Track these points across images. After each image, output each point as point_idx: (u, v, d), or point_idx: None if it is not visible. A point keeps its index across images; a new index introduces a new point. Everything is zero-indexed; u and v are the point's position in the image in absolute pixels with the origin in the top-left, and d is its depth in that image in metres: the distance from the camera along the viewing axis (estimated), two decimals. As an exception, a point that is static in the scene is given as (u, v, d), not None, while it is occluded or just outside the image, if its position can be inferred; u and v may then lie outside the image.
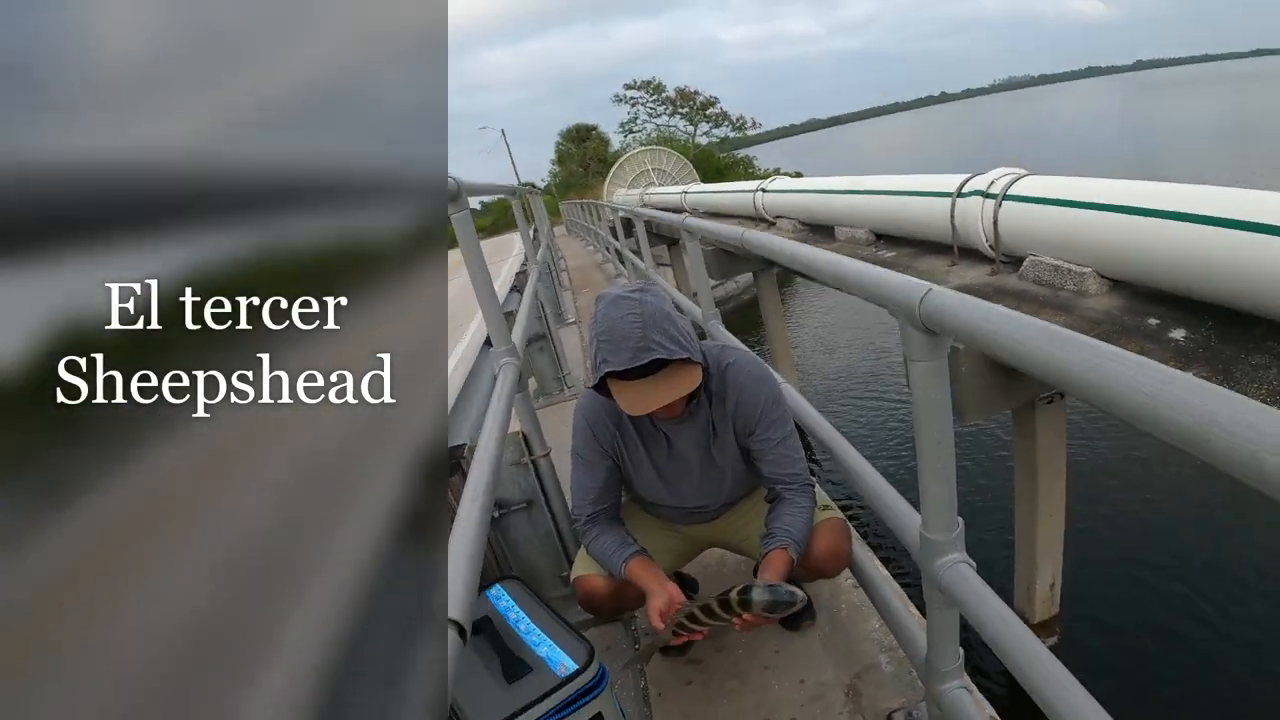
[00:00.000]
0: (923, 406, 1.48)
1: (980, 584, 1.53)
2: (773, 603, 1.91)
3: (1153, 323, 3.47)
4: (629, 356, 1.90)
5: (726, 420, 2.29)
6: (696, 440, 2.32)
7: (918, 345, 1.39)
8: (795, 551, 2.16)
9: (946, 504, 1.57)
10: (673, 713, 2.55)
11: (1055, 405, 5.23)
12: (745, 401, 2.26)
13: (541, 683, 1.89)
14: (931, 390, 1.45)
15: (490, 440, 1.88)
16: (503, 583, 2.37)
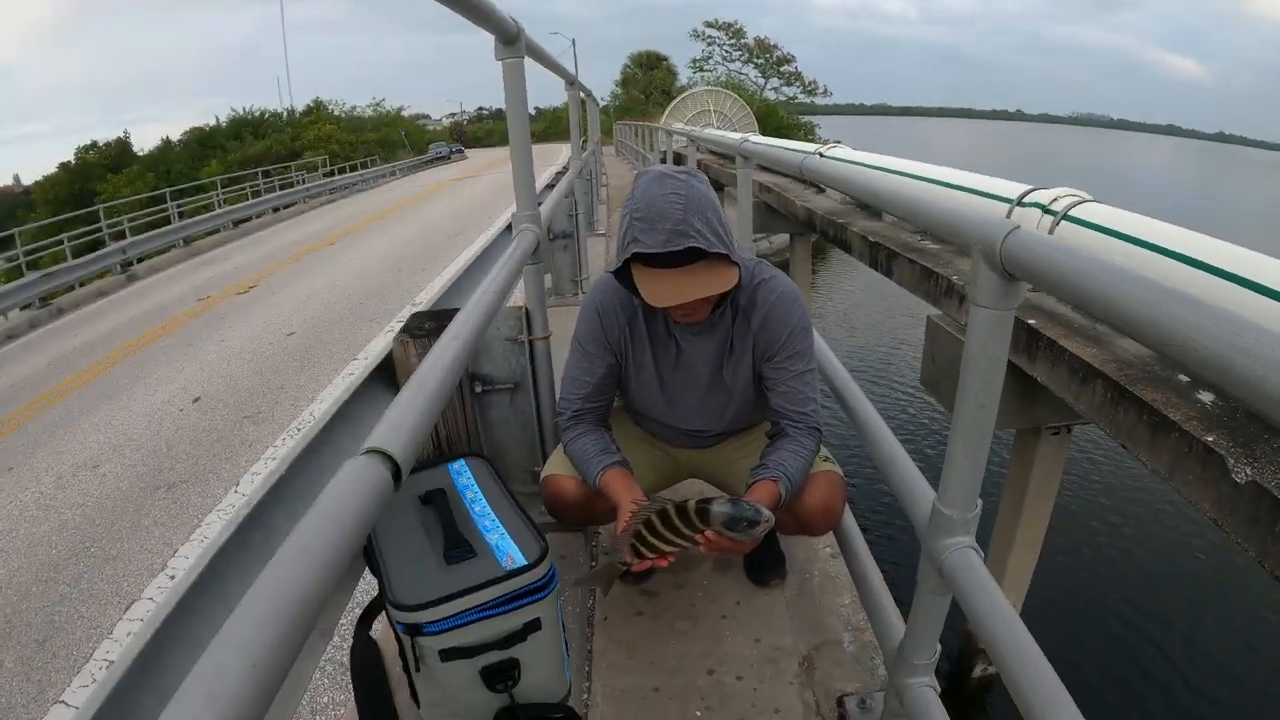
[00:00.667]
0: (975, 360, 1.30)
1: (986, 574, 1.37)
2: (733, 518, 1.71)
3: (1183, 379, 3.35)
4: (663, 239, 1.72)
5: (748, 338, 2.10)
6: (710, 354, 2.13)
7: (989, 289, 1.23)
8: (785, 490, 1.95)
9: (972, 478, 1.40)
10: (616, 641, 2.39)
11: (1061, 437, 5.13)
12: (773, 321, 2.07)
13: (482, 571, 1.71)
14: (990, 343, 1.27)
15: (487, 294, 1.68)
16: (469, 459, 2.19)
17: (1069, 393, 3.82)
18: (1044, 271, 1.08)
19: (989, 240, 1.18)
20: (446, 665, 1.68)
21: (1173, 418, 2.97)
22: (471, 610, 1.65)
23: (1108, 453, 9.40)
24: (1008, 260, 1.15)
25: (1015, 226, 1.16)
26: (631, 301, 2.09)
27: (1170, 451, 3.00)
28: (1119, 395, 3.38)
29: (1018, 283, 1.20)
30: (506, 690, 1.74)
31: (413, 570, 1.73)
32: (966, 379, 1.32)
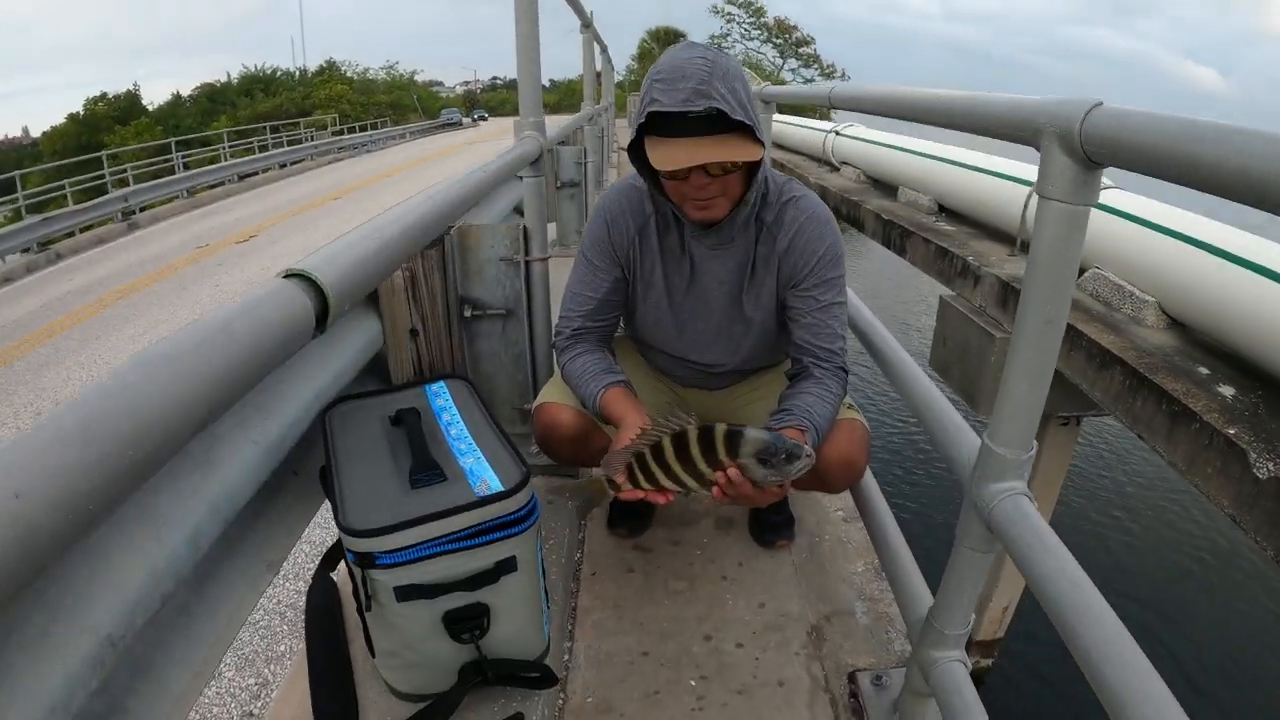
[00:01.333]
0: (1043, 265, 1.09)
1: (1043, 525, 1.15)
2: (770, 447, 1.42)
3: (1203, 371, 3.32)
4: (683, 98, 1.53)
5: (772, 260, 1.87)
6: (729, 274, 1.89)
7: (1065, 179, 1.04)
8: (813, 440, 1.69)
9: (1031, 410, 1.19)
10: (603, 599, 2.16)
11: (1070, 428, 5.01)
12: (802, 243, 1.85)
13: (451, 497, 1.46)
14: (1062, 246, 1.07)
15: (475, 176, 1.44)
16: (449, 380, 1.94)
17: (1085, 379, 3.73)
18: (1138, 146, 0.90)
19: (1066, 120, 1.01)
20: (403, 606, 1.43)
21: (1193, 408, 2.90)
22: (434, 541, 1.40)
23: (1114, 447, 9.27)
24: (1089, 141, 0.98)
25: (1097, 102, 0.99)
26: (644, 208, 1.87)
27: (1189, 443, 2.91)
28: (1138, 383, 3.29)
29: (1097, 171, 1.03)
30: (473, 640, 1.50)
31: (370, 493, 1.49)
32: (1032, 287, 1.12)
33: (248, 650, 3.38)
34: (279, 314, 0.82)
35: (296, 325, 0.83)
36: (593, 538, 2.41)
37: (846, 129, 9.76)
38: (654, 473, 1.50)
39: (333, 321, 0.90)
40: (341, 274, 0.94)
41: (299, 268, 0.90)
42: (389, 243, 1.16)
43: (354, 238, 1.09)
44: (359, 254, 1.06)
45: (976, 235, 5.85)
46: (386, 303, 2.09)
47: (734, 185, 1.70)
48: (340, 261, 0.97)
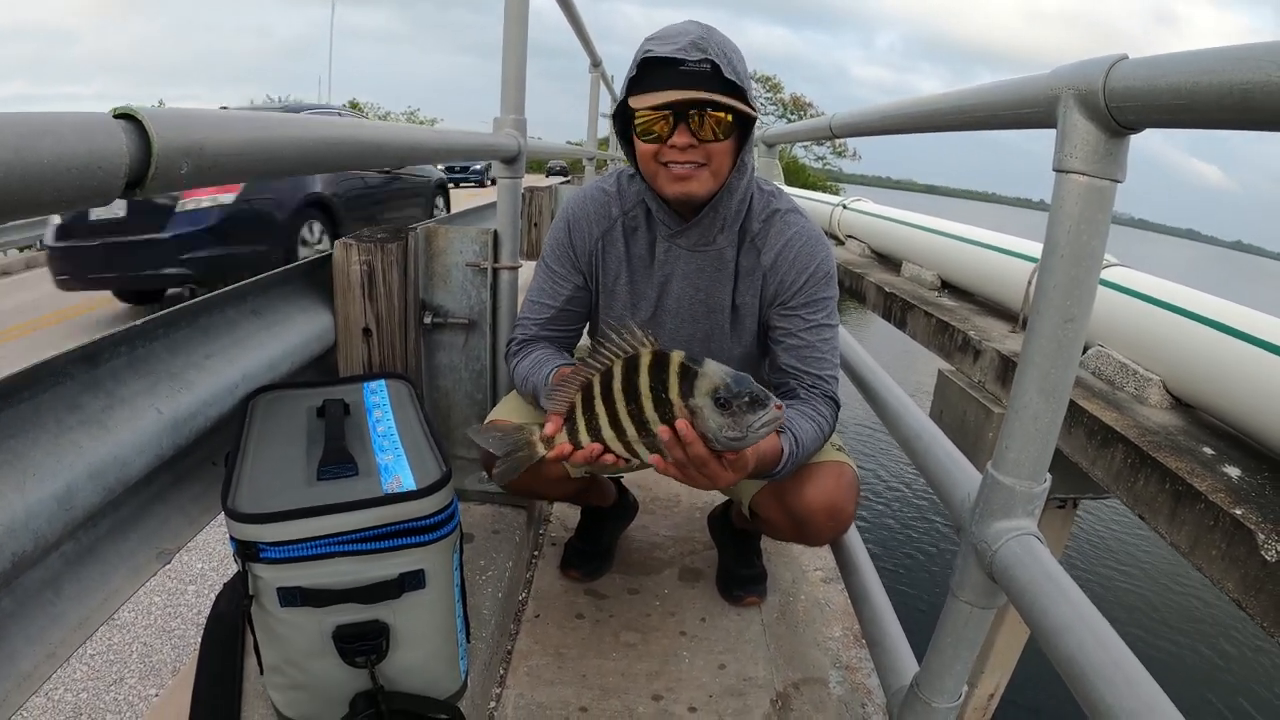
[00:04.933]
0: (1063, 250, 0.93)
1: (1058, 569, 0.95)
2: (731, 390, 1.14)
3: (1208, 451, 3.17)
4: (678, 46, 1.42)
5: (756, 275, 1.67)
6: (705, 284, 1.69)
7: (1087, 146, 0.90)
8: (791, 450, 1.46)
9: (1045, 432, 1.01)
10: (544, 643, 1.94)
11: (1066, 511, 4.93)
12: (790, 257, 1.65)
13: (356, 491, 1.24)
14: (1085, 228, 0.92)
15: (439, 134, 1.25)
16: (391, 379, 1.73)
17: (1085, 457, 3.58)
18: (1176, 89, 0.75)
19: (1087, 80, 0.87)
20: (286, 613, 1.21)
21: (1198, 488, 2.76)
22: (329, 539, 1.18)
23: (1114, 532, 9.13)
24: (1116, 98, 0.84)
25: (1121, 56, 0.86)
26: (610, 212, 1.69)
27: (1193, 524, 2.77)
28: (1140, 462, 3.15)
29: (1124, 137, 0.89)
30: (369, 665, 1.26)
31: (269, 478, 1.27)
32: (1049, 279, 0.95)
33: (155, 659, 3.14)
34: (75, 142, 0.61)
35: (98, 161, 0.62)
36: (542, 577, 2.20)
37: (854, 203, 9.76)
38: (598, 418, 1.25)
39: (155, 188, 0.70)
40: (186, 129, 0.74)
41: (128, 107, 0.70)
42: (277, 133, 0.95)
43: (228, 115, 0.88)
44: (227, 126, 0.85)
45: (978, 311, 5.76)
46: (340, 297, 1.91)
47: (719, 157, 1.52)
48: (196, 122, 0.77)
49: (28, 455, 1.10)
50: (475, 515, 2.17)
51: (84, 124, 0.62)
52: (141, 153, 0.68)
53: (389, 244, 1.89)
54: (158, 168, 0.69)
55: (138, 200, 2.38)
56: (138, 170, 0.67)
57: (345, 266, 1.89)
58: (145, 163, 0.68)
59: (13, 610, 1.10)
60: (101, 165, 0.63)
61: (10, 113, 0.58)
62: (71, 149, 0.60)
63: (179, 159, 0.72)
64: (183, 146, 0.73)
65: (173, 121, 0.72)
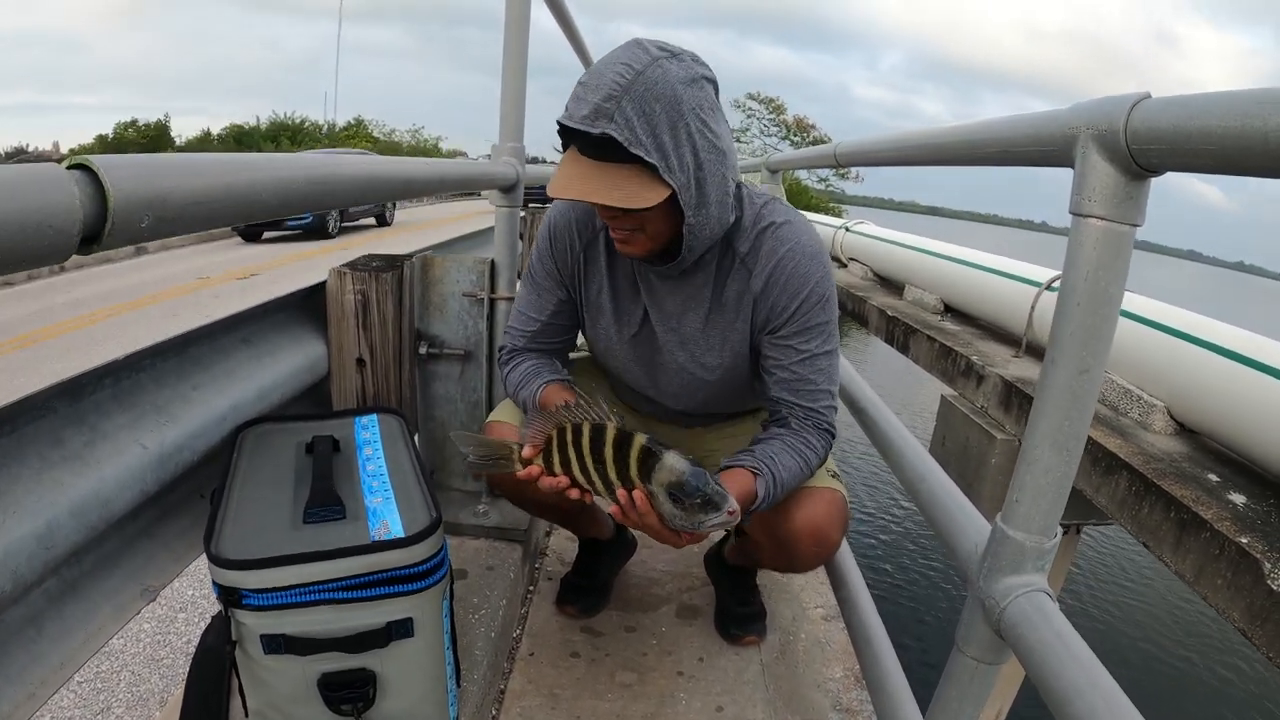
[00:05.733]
0: (1079, 298, 0.89)
1: (1069, 629, 0.92)
2: (687, 485, 1.16)
3: (1213, 478, 3.17)
4: (584, 113, 1.28)
5: (745, 301, 1.57)
6: (685, 311, 1.62)
7: (1106, 189, 0.86)
8: (767, 491, 1.43)
9: (1057, 486, 0.96)
10: (538, 683, 1.90)
11: (1069, 538, 4.85)
12: (782, 280, 1.53)
13: (342, 537, 1.20)
14: (1103, 275, 0.88)
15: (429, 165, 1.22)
16: (383, 414, 1.69)
17: (1089, 484, 3.56)
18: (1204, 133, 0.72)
19: (1107, 119, 0.84)
20: (270, 661, 1.17)
21: (1204, 516, 2.75)
22: (314, 587, 1.14)
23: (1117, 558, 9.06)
24: (1138, 140, 0.80)
25: (1144, 95, 0.83)
26: (593, 223, 1.62)
27: (1198, 553, 2.76)
28: (1144, 489, 3.14)
29: (1145, 180, 0.85)
30: (355, 714, 1.23)
31: (255, 521, 1.24)
32: (1065, 328, 0.91)
33: (143, 689, 3.10)
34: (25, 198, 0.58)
35: (49, 219, 0.59)
36: (536, 613, 2.15)
37: (856, 225, 9.73)
38: (566, 456, 1.26)
39: (113, 238, 0.67)
40: (146, 184, 0.70)
41: (83, 158, 0.67)
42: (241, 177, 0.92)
43: (194, 159, 0.85)
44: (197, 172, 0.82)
45: (981, 335, 5.76)
46: (334, 326, 1.88)
47: (654, 222, 1.41)
48: (159, 171, 0.73)
49: (8, 492, 1.07)
50: (469, 550, 2.13)
51: (33, 178, 0.59)
52: (97, 206, 0.64)
53: (384, 273, 1.87)
54: (114, 222, 0.66)
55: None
56: (93, 225, 0.64)
57: (339, 295, 1.87)
58: (101, 217, 0.65)
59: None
60: (52, 223, 0.59)
61: None
62: (20, 206, 0.57)
63: (140, 211, 0.69)
64: (144, 198, 0.70)
65: (132, 172, 0.69)
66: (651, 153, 1.28)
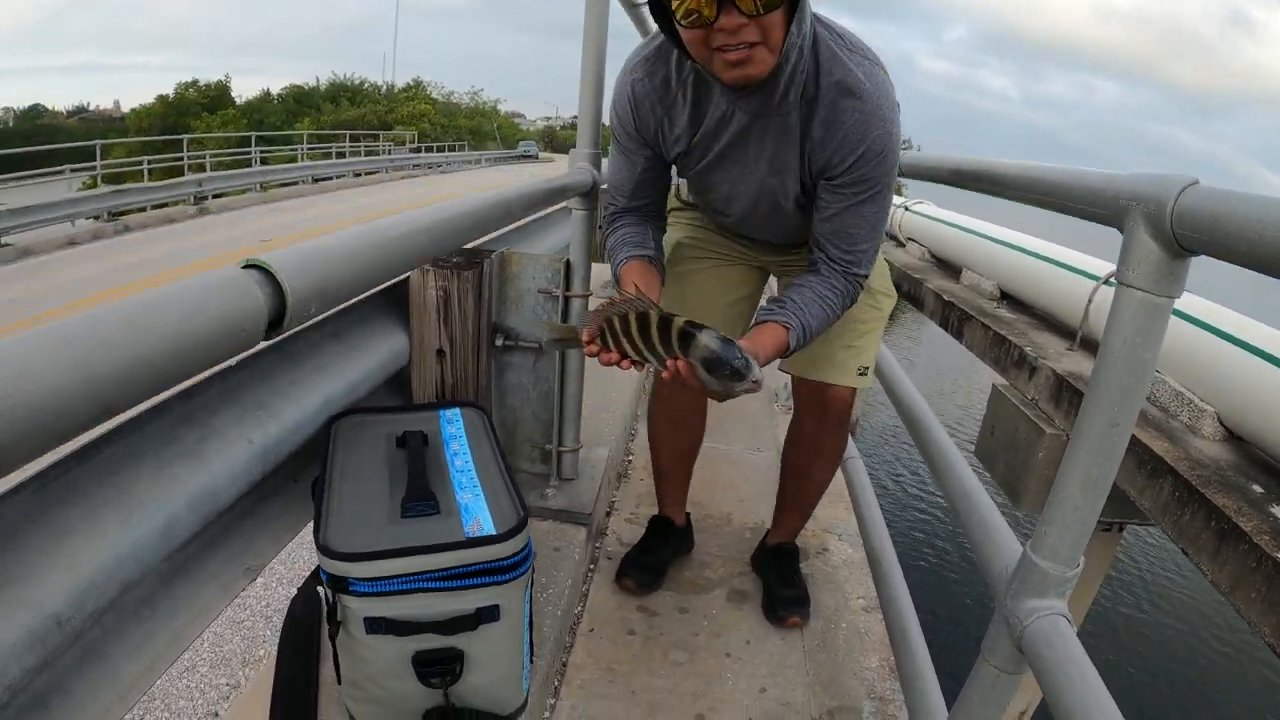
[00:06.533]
0: (1116, 360, 0.98)
1: (1081, 652, 1.02)
2: (717, 359, 1.31)
3: (1257, 489, 3.17)
4: None
5: (807, 144, 1.60)
6: (768, 148, 1.65)
7: (1148, 265, 0.93)
8: (797, 341, 1.59)
9: (1083, 523, 1.07)
10: (597, 659, 2.05)
11: (1112, 535, 4.85)
12: (842, 129, 1.54)
13: (439, 532, 1.35)
14: (1141, 339, 0.96)
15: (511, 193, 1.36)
16: (465, 408, 1.84)
17: (1133, 485, 3.59)
18: (1239, 230, 0.78)
19: (1156, 199, 0.90)
20: (372, 639, 1.32)
21: (1244, 528, 2.77)
22: (414, 576, 1.29)
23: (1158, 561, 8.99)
24: (1181, 224, 0.87)
25: (1193, 181, 0.89)
26: (670, 82, 1.65)
27: (1235, 564, 2.78)
28: (1188, 495, 3.16)
29: (1186, 260, 0.92)
30: (443, 686, 1.38)
31: (357, 515, 1.39)
32: (1100, 385, 1.00)
33: (226, 649, 3.30)
34: (219, 307, 0.72)
35: (240, 322, 0.73)
36: (597, 591, 2.30)
37: (916, 205, 9.58)
38: (618, 338, 1.41)
39: (290, 326, 0.80)
40: (312, 275, 0.84)
41: (259, 259, 0.80)
42: (384, 247, 1.07)
43: (340, 238, 0.99)
44: (341, 257, 0.96)
45: (1037, 326, 5.72)
46: (416, 319, 2.01)
47: (774, 28, 1.37)
48: (314, 261, 0.87)
49: (131, 490, 1.18)
50: (536, 532, 2.27)
51: (221, 284, 0.73)
52: (277, 302, 0.78)
53: (465, 270, 1.99)
54: (291, 315, 0.80)
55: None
56: (275, 318, 0.78)
57: (422, 291, 1.99)
58: (280, 310, 0.79)
59: (115, 627, 1.19)
60: (244, 325, 0.74)
61: (151, 291, 0.68)
62: (218, 312, 0.71)
63: (309, 300, 0.83)
64: (313, 288, 0.84)
65: (298, 265, 0.82)
66: None
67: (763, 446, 3.41)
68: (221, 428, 1.39)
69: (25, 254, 12.37)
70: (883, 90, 1.54)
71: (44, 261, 12.01)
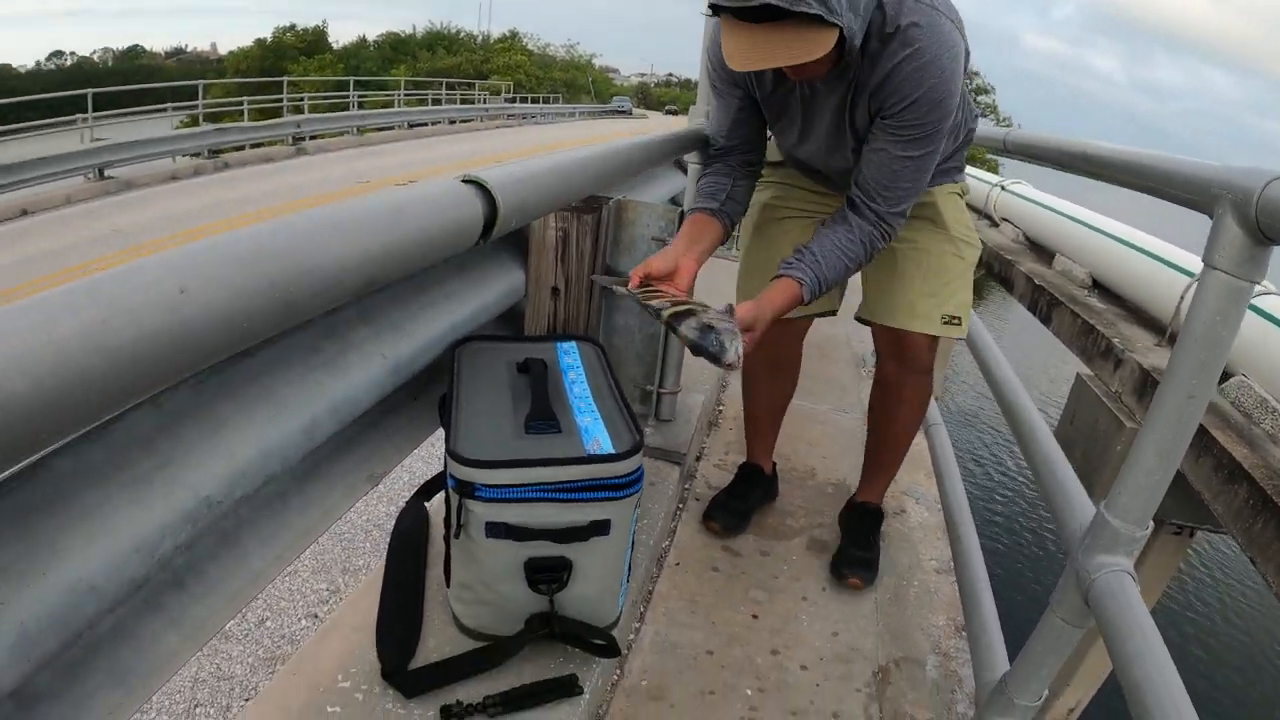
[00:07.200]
0: (1196, 335, 1.06)
1: (1143, 608, 1.11)
2: (696, 345, 1.51)
3: None
4: None
5: (865, 92, 1.68)
6: (833, 105, 1.76)
7: (1234, 249, 1.01)
8: (812, 293, 1.71)
9: (1155, 486, 1.15)
10: (681, 589, 2.17)
11: (1181, 539, 4.80)
12: (896, 80, 1.60)
13: (561, 448, 1.47)
14: (1221, 317, 1.04)
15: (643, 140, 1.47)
16: (581, 342, 1.96)
17: (1208, 489, 3.54)
18: None
19: (1243, 189, 0.98)
20: (489, 543, 1.45)
21: None
22: (536, 486, 1.41)
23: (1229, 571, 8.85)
24: (1265, 214, 0.95)
25: (1278, 175, 0.95)
26: None
27: None
28: (1261, 504, 3.12)
29: (1268, 247, 1.00)
30: (549, 593, 1.51)
31: (485, 427, 1.51)
32: (1180, 358, 1.08)
33: (327, 557, 3.48)
34: (451, 213, 0.85)
35: (464, 228, 0.87)
36: (684, 528, 2.42)
37: (1012, 185, 9.41)
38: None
39: (498, 233, 0.94)
40: (516, 191, 0.98)
41: (478, 175, 0.93)
42: (565, 177, 1.20)
43: (534, 165, 1.12)
44: (536, 179, 1.09)
45: (1126, 317, 5.63)
46: (535, 256, 2.12)
47: (818, 64, 1.49)
48: (518, 181, 1.00)
49: (279, 391, 1.30)
50: (635, 465, 2.40)
51: (450, 193, 0.86)
52: (490, 211, 0.91)
53: (585, 214, 2.09)
54: (500, 225, 0.92)
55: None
56: (488, 224, 0.91)
57: (542, 231, 2.10)
58: (492, 220, 0.91)
59: (249, 517, 1.30)
60: (463, 229, 0.86)
61: (393, 191, 0.81)
62: (444, 211, 0.83)
63: (512, 216, 0.96)
64: (515, 205, 0.96)
65: (508, 186, 0.95)
66: (813, 4, 1.34)
67: (849, 409, 3.48)
68: (359, 342, 1.52)
69: (128, 186, 12.87)
70: (942, 38, 1.57)
71: (146, 194, 12.45)
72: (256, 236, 0.70)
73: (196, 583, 1.18)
